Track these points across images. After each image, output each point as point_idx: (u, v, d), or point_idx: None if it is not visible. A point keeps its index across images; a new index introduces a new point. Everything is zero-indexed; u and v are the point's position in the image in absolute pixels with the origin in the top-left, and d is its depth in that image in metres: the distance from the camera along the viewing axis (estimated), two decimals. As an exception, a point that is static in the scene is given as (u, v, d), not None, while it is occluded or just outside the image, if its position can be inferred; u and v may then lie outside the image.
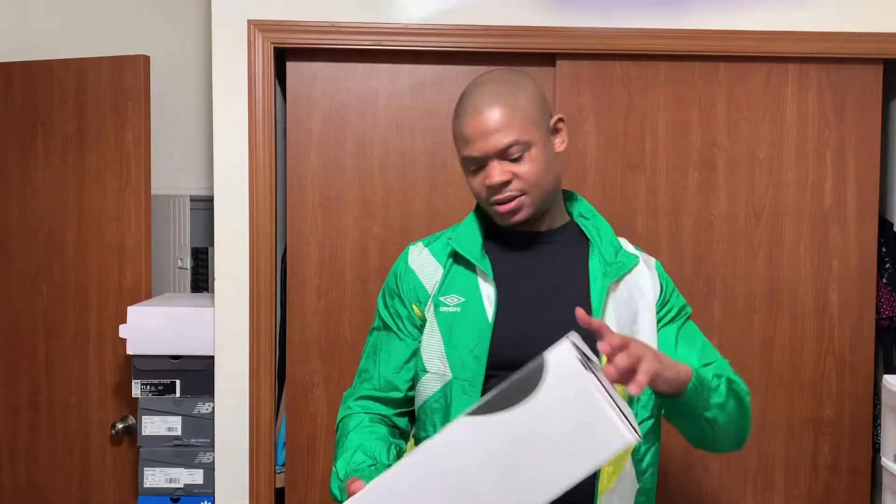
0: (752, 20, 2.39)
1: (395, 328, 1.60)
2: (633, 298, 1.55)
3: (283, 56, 2.46)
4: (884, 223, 2.55)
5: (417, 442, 1.57)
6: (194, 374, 2.47)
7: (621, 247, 1.61)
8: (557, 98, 2.45)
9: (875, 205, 2.49)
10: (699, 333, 1.62)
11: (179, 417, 2.47)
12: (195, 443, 2.47)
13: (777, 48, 2.40)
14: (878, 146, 2.48)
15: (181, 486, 2.47)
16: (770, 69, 2.45)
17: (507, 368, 1.45)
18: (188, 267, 2.91)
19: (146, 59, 2.64)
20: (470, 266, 1.55)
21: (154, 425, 2.47)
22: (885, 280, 2.54)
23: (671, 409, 1.46)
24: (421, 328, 1.57)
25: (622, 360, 1.19)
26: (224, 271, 2.42)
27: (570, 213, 1.65)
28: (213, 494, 2.46)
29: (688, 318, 1.63)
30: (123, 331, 2.46)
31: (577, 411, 1.09)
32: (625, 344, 1.23)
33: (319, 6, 2.37)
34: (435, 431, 1.48)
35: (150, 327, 2.46)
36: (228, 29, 2.37)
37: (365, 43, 2.38)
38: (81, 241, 2.70)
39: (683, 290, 2.45)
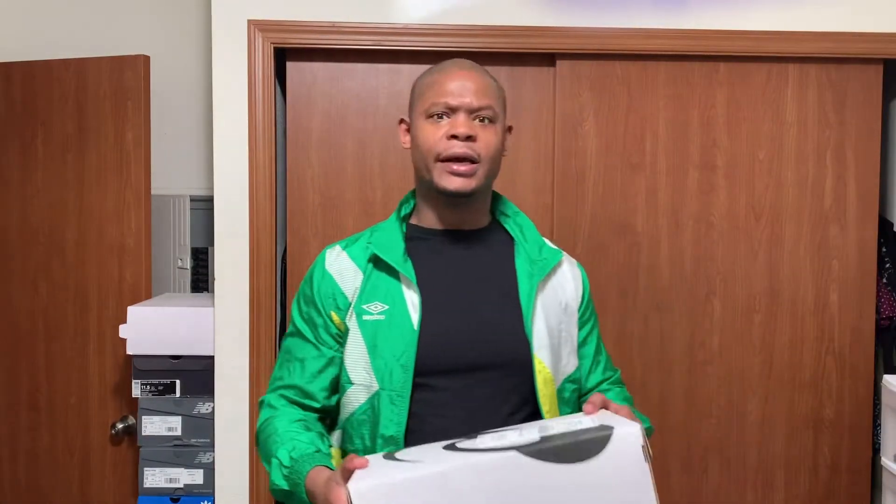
0: (752, 20, 2.39)
1: (310, 336, 1.53)
2: (559, 298, 1.55)
3: (283, 56, 2.46)
4: (884, 223, 2.55)
5: (345, 454, 1.50)
6: (194, 374, 2.47)
7: (545, 242, 1.59)
8: (557, 98, 2.45)
9: (875, 205, 2.49)
10: (602, 345, 1.66)
11: (179, 417, 2.47)
12: (195, 443, 2.47)
13: (777, 48, 2.40)
14: (878, 146, 2.48)
15: (181, 486, 2.47)
16: (770, 69, 2.45)
17: (435, 375, 1.45)
18: (188, 267, 2.91)
19: (146, 59, 2.64)
20: (392, 271, 1.50)
21: (154, 425, 2.47)
22: (885, 280, 2.54)
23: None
24: (339, 337, 1.51)
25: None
26: (224, 271, 2.42)
27: (491, 213, 1.62)
28: (213, 494, 2.46)
29: (596, 326, 1.65)
30: (123, 331, 2.46)
31: (628, 490, 1.15)
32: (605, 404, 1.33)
33: (319, 6, 2.37)
34: (363, 444, 1.45)
35: (150, 327, 2.46)
36: (228, 29, 2.37)
37: (365, 43, 2.38)
38: (81, 241, 2.70)
39: (683, 289, 2.47)
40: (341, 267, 1.54)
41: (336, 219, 2.47)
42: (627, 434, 1.16)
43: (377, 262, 1.51)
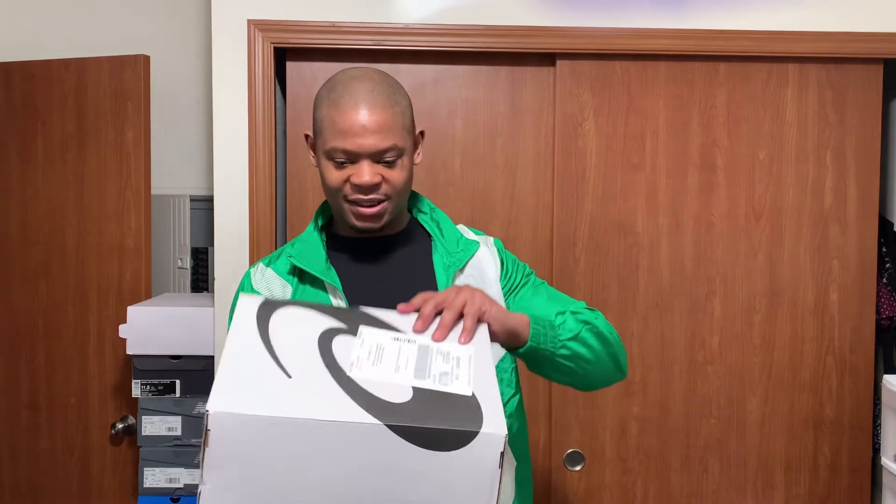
0: (752, 20, 2.39)
1: None
2: (478, 282, 1.54)
3: (283, 56, 2.45)
4: (884, 223, 2.55)
5: None
6: (194, 374, 2.47)
7: (461, 235, 1.59)
8: (557, 98, 2.45)
9: (875, 205, 2.49)
10: (548, 287, 1.61)
11: (179, 417, 2.47)
12: (195, 443, 2.47)
13: (777, 48, 2.40)
14: (878, 146, 2.48)
15: (181, 486, 2.47)
16: (770, 69, 2.45)
17: None
18: (188, 267, 2.91)
19: (146, 59, 2.64)
20: (317, 281, 1.51)
21: (154, 425, 2.47)
22: (885, 280, 2.54)
23: (530, 363, 1.45)
24: None
25: (447, 315, 1.28)
26: (224, 271, 2.42)
27: (409, 211, 1.63)
28: (213, 494, 2.46)
29: (534, 279, 1.62)
30: (123, 331, 2.46)
31: (474, 491, 1.13)
32: (441, 298, 1.32)
33: (319, 6, 2.37)
34: None
35: (150, 327, 2.46)
36: (228, 29, 2.37)
37: (365, 43, 2.38)
38: (81, 241, 2.70)
39: (683, 289, 2.47)
40: (269, 283, 1.55)
41: (336, 219, 2.47)
42: (491, 439, 1.13)
43: (301, 274, 1.53)
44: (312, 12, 2.37)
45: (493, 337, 1.35)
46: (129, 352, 2.46)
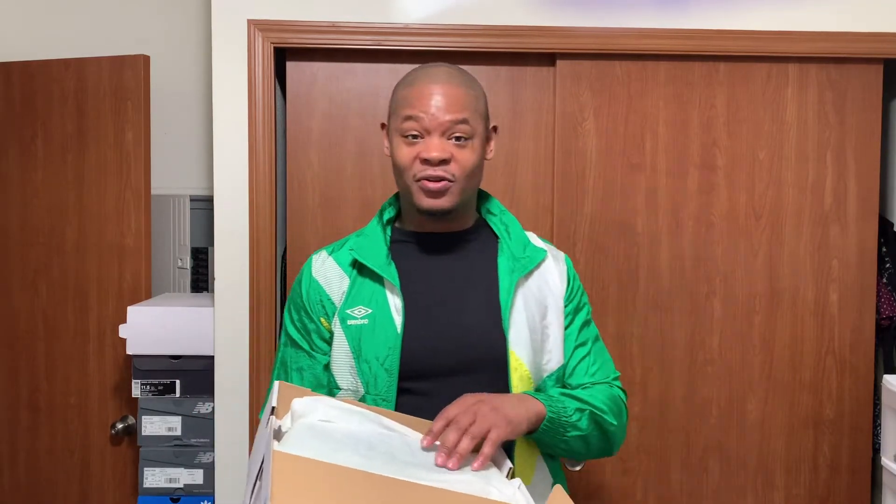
0: (752, 20, 2.39)
1: (304, 345, 1.54)
2: (543, 293, 1.53)
3: (283, 56, 2.45)
4: (884, 223, 2.55)
5: None
6: (194, 374, 2.47)
7: (529, 241, 1.58)
8: (557, 98, 2.45)
9: (875, 205, 2.49)
10: (591, 333, 1.59)
11: (179, 417, 2.47)
12: (195, 443, 2.47)
13: (777, 48, 2.40)
14: (878, 146, 2.48)
15: (181, 486, 2.47)
16: (770, 69, 2.45)
17: (419, 379, 1.45)
18: (188, 267, 2.91)
19: (146, 59, 2.64)
20: (376, 276, 1.50)
21: (154, 425, 2.47)
22: (885, 280, 2.54)
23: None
24: (330, 342, 1.51)
25: (465, 443, 1.25)
26: (224, 271, 2.42)
27: (478, 212, 1.61)
28: (213, 494, 2.46)
29: (587, 320, 1.60)
30: (123, 331, 2.46)
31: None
32: (462, 422, 1.28)
33: (319, 6, 2.37)
34: None
35: (150, 327, 2.46)
36: (228, 29, 2.37)
37: (365, 43, 2.38)
38: (81, 241, 2.70)
39: (683, 289, 2.47)
40: (327, 273, 1.54)
41: (336, 219, 2.47)
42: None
43: (361, 267, 1.52)
44: (312, 12, 2.37)
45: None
46: (129, 352, 2.46)
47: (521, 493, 1.18)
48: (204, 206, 2.84)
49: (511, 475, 1.24)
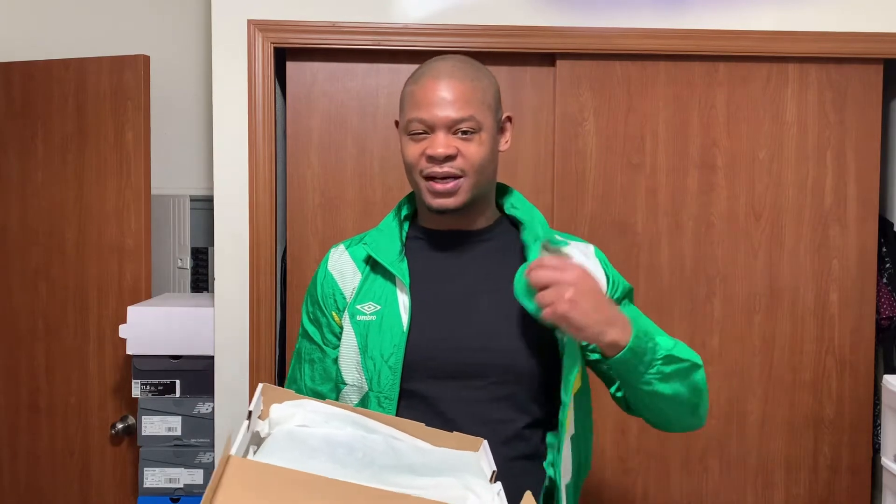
0: (752, 20, 2.39)
1: (316, 338, 1.54)
2: None
3: (283, 56, 2.46)
4: (884, 223, 2.55)
5: None
6: (194, 374, 2.47)
7: (555, 233, 1.55)
8: (557, 98, 2.45)
9: (875, 205, 2.49)
10: (644, 318, 1.53)
11: (179, 417, 2.47)
12: (195, 443, 2.47)
13: (777, 48, 2.40)
14: (878, 146, 2.48)
15: (181, 486, 2.47)
16: (770, 69, 2.45)
17: (423, 379, 1.43)
18: (188, 267, 2.91)
19: (146, 59, 2.64)
20: (387, 272, 1.48)
21: (154, 425, 2.47)
22: (885, 280, 2.54)
23: (617, 373, 1.39)
24: (340, 337, 1.50)
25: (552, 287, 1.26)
26: (224, 271, 2.42)
27: (501, 207, 1.57)
28: (213, 494, 2.46)
29: (631, 301, 1.57)
30: (123, 331, 2.46)
31: None
32: (555, 268, 1.28)
33: (319, 6, 2.37)
34: None
35: (150, 327, 2.46)
36: (228, 29, 2.37)
37: (365, 43, 2.38)
38: (81, 241, 2.70)
39: (683, 289, 2.47)
40: (342, 267, 1.54)
41: (336, 219, 2.47)
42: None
43: (374, 263, 1.50)
44: (312, 12, 2.37)
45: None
46: (129, 352, 2.46)
47: (499, 499, 1.18)
48: (204, 206, 2.85)
49: (493, 479, 1.23)
